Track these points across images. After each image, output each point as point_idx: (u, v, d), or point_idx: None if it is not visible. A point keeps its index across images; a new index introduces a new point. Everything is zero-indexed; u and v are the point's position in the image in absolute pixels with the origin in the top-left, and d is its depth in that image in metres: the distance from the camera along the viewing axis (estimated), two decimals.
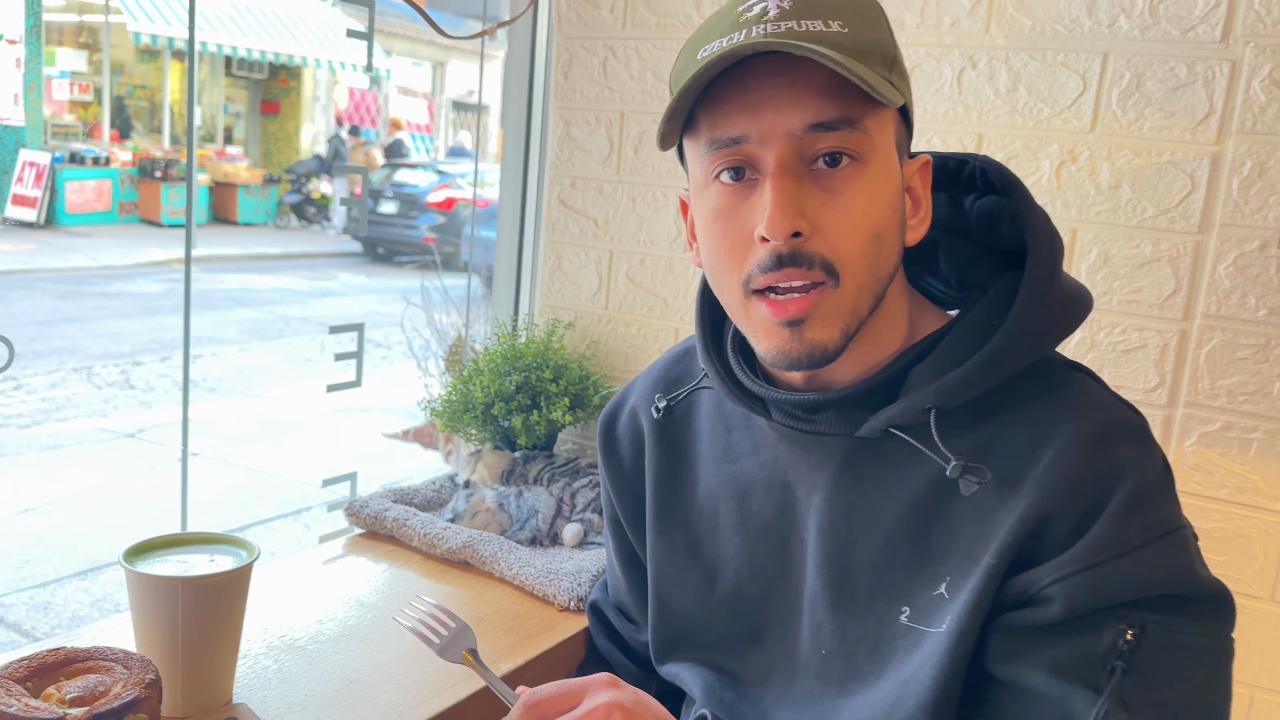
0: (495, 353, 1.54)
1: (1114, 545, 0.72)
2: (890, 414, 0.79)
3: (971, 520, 0.78)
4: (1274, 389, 1.22)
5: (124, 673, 0.82)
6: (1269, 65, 1.18)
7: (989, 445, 0.78)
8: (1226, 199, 1.22)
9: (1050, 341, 0.80)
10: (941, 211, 0.89)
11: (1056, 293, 0.79)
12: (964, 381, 0.77)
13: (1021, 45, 1.30)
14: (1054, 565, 0.73)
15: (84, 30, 14.05)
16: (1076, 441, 0.75)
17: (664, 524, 0.97)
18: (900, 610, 0.80)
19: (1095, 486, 0.74)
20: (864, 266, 0.76)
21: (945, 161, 0.87)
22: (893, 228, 0.78)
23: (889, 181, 0.77)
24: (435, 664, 1.06)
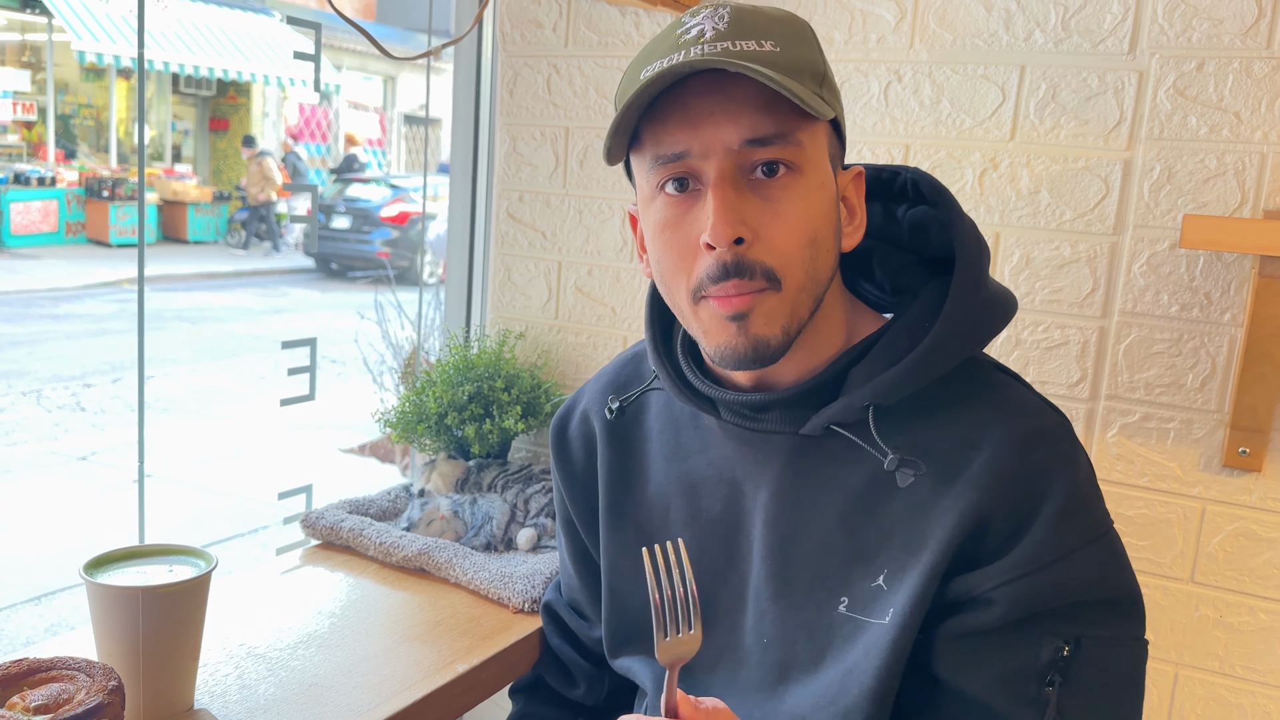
0: (448, 364, 1.58)
1: (1053, 550, 0.78)
2: (831, 412, 0.84)
3: (907, 515, 0.83)
4: (1187, 381, 1.29)
5: (86, 680, 0.85)
6: (1173, 75, 1.26)
7: (924, 444, 0.83)
8: (1138, 202, 1.29)
9: (977, 342, 0.85)
10: (876, 220, 0.93)
11: (982, 296, 0.84)
12: (898, 380, 0.82)
13: (944, 59, 1.36)
14: (996, 570, 0.79)
15: (27, 49, 13.83)
16: (1006, 444, 0.81)
17: (616, 521, 1.01)
18: (839, 600, 0.85)
19: (1029, 490, 0.79)
20: (802, 270, 0.80)
21: (879, 173, 0.92)
22: (828, 234, 0.83)
23: (823, 191, 0.82)
24: (392, 666, 1.09)
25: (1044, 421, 0.83)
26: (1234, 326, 1.25)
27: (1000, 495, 0.79)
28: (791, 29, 0.82)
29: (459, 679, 1.09)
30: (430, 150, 14.96)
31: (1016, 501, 0.79)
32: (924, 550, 0.81)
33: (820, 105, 0.78)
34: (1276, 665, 1.29)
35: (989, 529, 0.80)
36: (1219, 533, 1.30)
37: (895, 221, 0.93)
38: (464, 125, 1.73)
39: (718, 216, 0.78)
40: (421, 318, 1.78)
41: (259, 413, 5.96)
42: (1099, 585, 0.80)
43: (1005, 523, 0.79)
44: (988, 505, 0.79)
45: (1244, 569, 1.29)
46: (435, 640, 1.16)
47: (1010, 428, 0.81)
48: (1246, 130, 1.23)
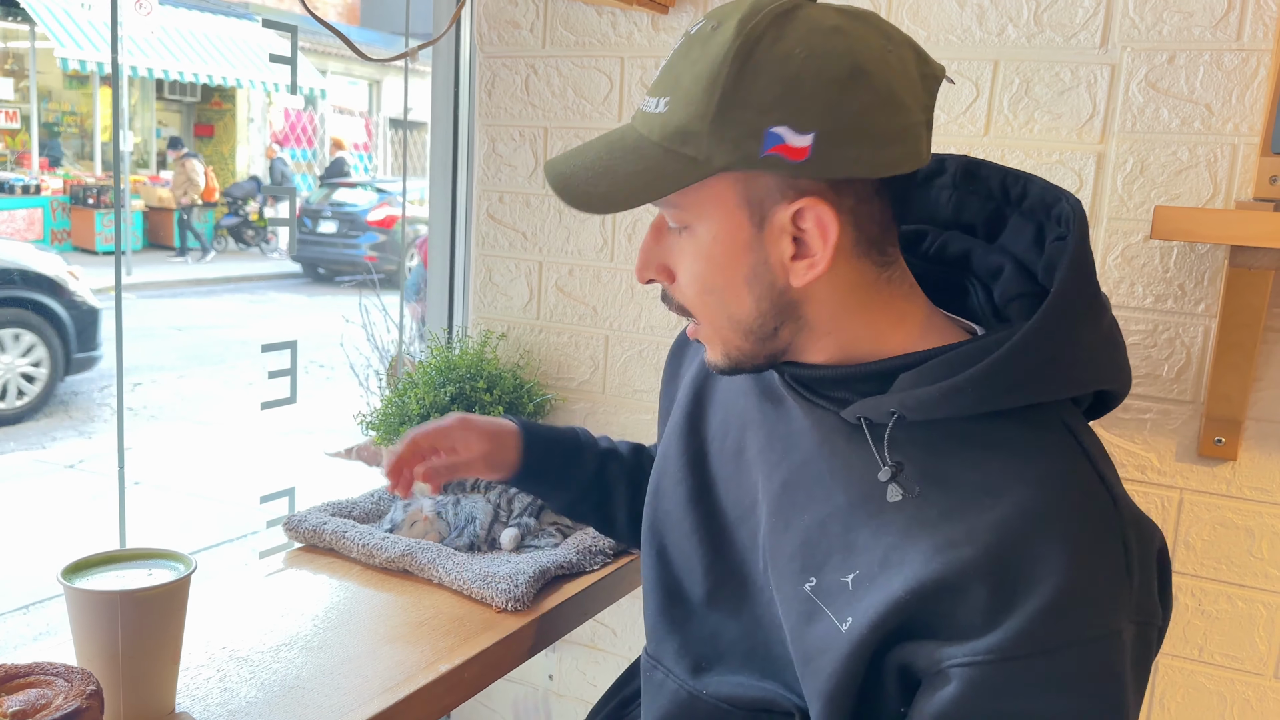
0: (429, 365, 1.58)
1: (1028, 643, 0.72)
2: (865, 405, 0.83)
3: (902, 531, 0.80)
4: (1163, 371, 1.30)
5: (65, 685, 0.85)
6: (1145, 68, 1.27)
7: (944, 471, 0.80)
8: (1112, 194, 1.30)
9: (1022, 397, 0.79)
10: (1024, 241, 0.87)
11: (1047, 352, 0.78)
12: (928, 400, 0.79)
13: None
14: (965, 649, 0.74)
15: (9, 57, 13.77)
16: (1023, 510, 0.75)
17: (689, 425, 1.05)
18: (808, 579, 0.85)
19: (1025, 570, 0.74)
20: (708, 315, 0.85)
21: (1044, 194, 0.86)
22: (733, 282, 0.82)
23: (721, 242, 0.81)
24: (375, 667, 1.09)
25: (1080, 501, 0.76)
26: (1208, 317, 1.26)
27: (995, 561, 0.74)
28: (695, 77, 0.78)
29: (441, 679, 1.09)
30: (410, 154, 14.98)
31: (1010, 576, 0.74)
32: (898, 573, 0.78)
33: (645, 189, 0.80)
34: (1254, 652, 1.30)
35: (969, 593, 0.75)
36: (1196, 521, 1.31)
37: (1040, 248, 0.86)
38: (443, 127, 1.73)
39: (638, 259, 0.88)
40: (404, 320, 1.78)
41: (246, 418, 5.94)
42: (1073, 694, 0.73)
43: (990, 595, 0.74)
44: (978, 567, 0.74)
45: (1221, 557, 1.30)
46: (418, 641, 1.16)
47: (1036, 494, 0.76)
48: (1218, 122, 1.24)
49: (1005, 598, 0.73)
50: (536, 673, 1.81)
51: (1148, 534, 0.78)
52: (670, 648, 1.00)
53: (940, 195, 0.92)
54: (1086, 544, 0.74)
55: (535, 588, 1.26)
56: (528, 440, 1.19)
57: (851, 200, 0.79)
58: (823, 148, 0.75)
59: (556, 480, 1.21)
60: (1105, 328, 0.82)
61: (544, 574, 1.29)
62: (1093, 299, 0.80)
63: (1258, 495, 1.27)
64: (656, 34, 1.55)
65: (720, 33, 0.77)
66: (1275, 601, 1.29)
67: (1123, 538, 0.76)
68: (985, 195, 0.90)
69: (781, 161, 0.76)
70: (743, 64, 0.75)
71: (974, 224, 0.91)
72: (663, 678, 1.00)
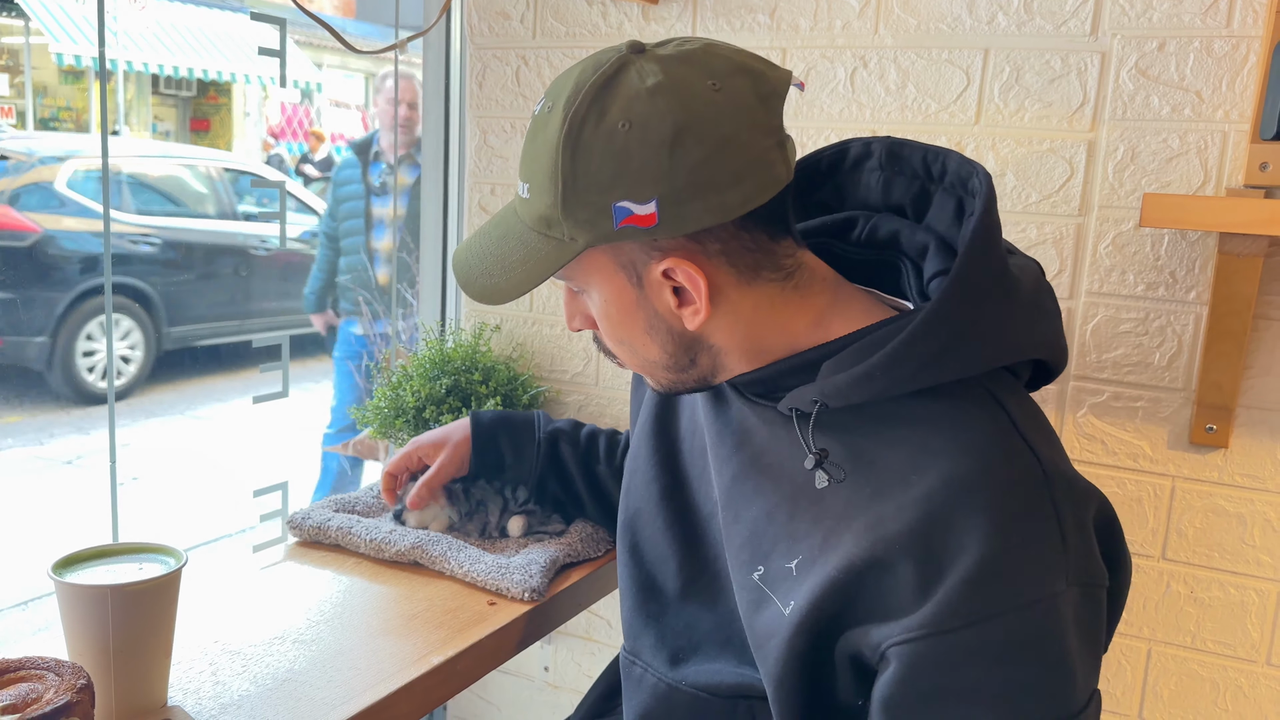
0: (424, 358, 1.58)
1: (960, 615, 0.72)
2: (794, 397, 0.85)
3: (837, 515, 0.81)
4: (1154, 359, 1.30)
5: (55, 679, 0.85)
6: (1135, 56, 1.26)
7: (872, 454, 0.81)
8: (1103, 182, 1.30)
9: (934, 374, 0.78)
10: (945, 218, 0.88)
11: (959, 324, 0.78)
12: (844, 387, 0.79)
13: (908, 44, 1.37)
14: (900, 626, 0.75)
15: (4, 52, 13.74)
16: (945, 483, 0.75)
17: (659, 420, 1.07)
18: (757, 568, 0.87)
19: (950, 541, 0.74)
20: (628, 358, 0.91)
21: (960, 168, 0.86)
22: (636, 333, 0.88)
23: (613, 303, 0.87)
24: (368, 660, 1.09)
25: (1005, 468, 0.76)
26: (1199, 304, 1.26)
27: (919, 536, 0.75)
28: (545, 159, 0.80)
29: (434, 670, 1.09)
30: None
31: (935, 549, 0.74)
32: (834, 554, 0.79)
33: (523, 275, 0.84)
34: (1246, 639, 1.31)
35: (898, 570, 0.75)
36: (1189, 509, 1.31)
37: (959, 226, 0.86)
38: (435, 119, 1.73)
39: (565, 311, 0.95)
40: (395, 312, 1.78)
41: (243, 413, 5.94)
42: (1011, 663, 0.73)
43: (917, 570, 0.74)
44: (904, 542, 0.75)
45: (1213, 544, 1.30)
46: (411, 633, 1.16)
47: (959, 466, 0.76)
48: (1208, 109, 1.24)
49: (932, 572, 0.74)
50: (532, 665, 1.81)
51: (1082, 496, 0.78)
52: (647, 642, 1.01)
53: (870, 179, 0.93)
54: (1010, 512, 0.74)
55: (549, 577, 1.26)
56: (475, 434, 1.34)
57: (716, 244, 0.81)
58: (667, 210, 0.77)
59: (512, 465, 1.35)
60: (1025, 297, 0.81)
61: (554, 563, 1.29)
62: (1000, 272, 0.80)
63: (1249, 482, 1.28)
64: (647, 24, 1.54)
65: (553, 117, 0.80)
66: (1267, 588, 1.29)
67: (1051, 500, 0.75)
68: (910, 175, 0.91)
69: (636, 230, 0.79)
70: (574, 150, 0.78)
71: (903, 204, 0.91)
72: (641, 672, 1.01)
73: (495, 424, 1.35)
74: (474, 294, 0.89)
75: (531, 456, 1.35)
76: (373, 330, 3.54)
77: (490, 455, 1.35)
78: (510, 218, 0.88)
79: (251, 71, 14.04)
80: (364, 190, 3.44)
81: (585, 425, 1.38)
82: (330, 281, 3.59)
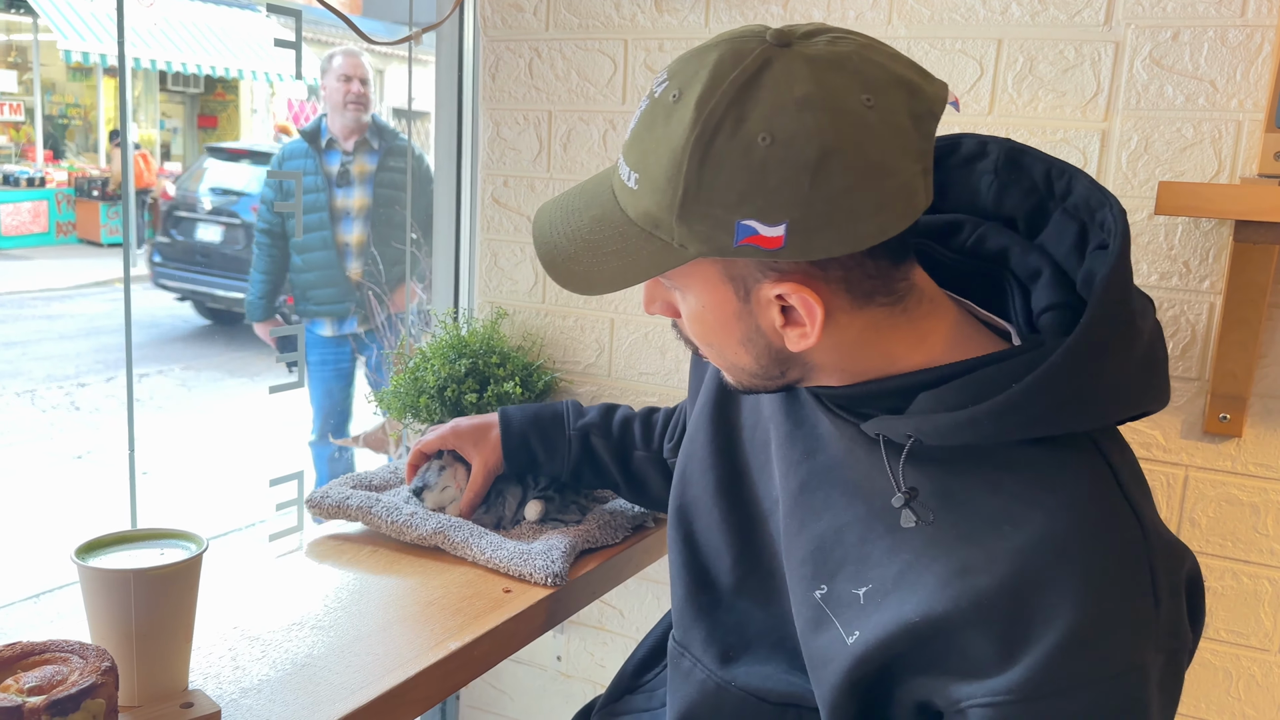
0: (442, 341, 1.59)
1: (1049, 683, 0.70)
2: (884, 423, 0.80)
3: (917, 550, 0.78)
4: (1168, 349, 1.30)
5: (80, 662, 0.86)
6: (1149, 45, 1.26)
7: (963, 494, 0.77)
8: (1117, 172, 1.30)
9: (1048, 428, 0.75)
10: (1065, 245, 0.82)
11: (1079, 381, 0.73)
12: (946, 428, 0.75)
13: (922, 35, 1.37)
14: (983, 688, 0.72)
15: (13, 50, 13.77)
16: (1042, 539, 0.72)
17: (717, 413, 1.04)
18: (819, 586, 0.84)
19: (1042, 603, 0.71)
20: (713, 358, 0.85)
21: (1089, 196, 0.81)
22: (729, 340, 0.81)
23: (712, 310, 0.80)
24: (385, 645, 1.10)
25: (1096, 527, 0.72)
26: (1213, 294, 1.27)
27: (1011, 593, 0.71)
28: (666, 157, 0.72)
29: (451, 656, 1.10)
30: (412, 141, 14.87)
31: (1026, 610, 0.71)
32: (912, 595, 0.76)
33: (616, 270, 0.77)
34: (1260, 628, 1.31)
35: (984, 627, 0.72)
36: (1202, 499, 1.31)
37: (1081, 255, 0.81)
38: (447, 111, 1.73)
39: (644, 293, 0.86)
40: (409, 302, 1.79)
41: (257, 406, 5.96)
42: None
43: (1007, 629, 0.72)
44: (993, 600, 0.72)
45: (1227, 533, 1.31)
46: (428, 619, 1.17)
47: (1055, 521, 0.72)
48: (1222, 99, 1.24)
49: (1022, 633, 0.71)
50: (545, 654, 1.82)
51: (1178, 558, 0.75)
52: (698, 635, 0.99)
53: (981, 181, 0.87)
54: (1108, 575, 0.71)
55: (569, 562, 1.27)
56: (505, 437, 1.32)
57: (839, 271, 0.74)
58: (796, 237, 0.70)
59: (545, 464, 1.34)
60: (1143, 349, 0.76)
61: (573, 549, 1.30)
62: (1128, 324, 0.74)
63: (1263, 471, 1.28)
64: (660, 15, 1.55)
65: (681, 109, 0.71)
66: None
67: (1149, 564, 0.72)
68: (1029, 187, 0.85)
69: (756, 250, 0.72)
70: (703, 157, 0.70)
71: (1015, 216, 0.86)
72: (690, 665, 0.99)
73: (525, 425, 1.33)
74: (559, 278, 0.81)
75: (564, 454, 1.33)
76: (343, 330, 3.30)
77: (522, 456, 1.34)
78: (608, 200, 0.79)
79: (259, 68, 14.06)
80: (324, 181, 3.22)
81: (617, 411, 1.35)
82: (277, 285, 3.33)
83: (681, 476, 1.06)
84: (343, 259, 3.23)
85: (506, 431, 1.33)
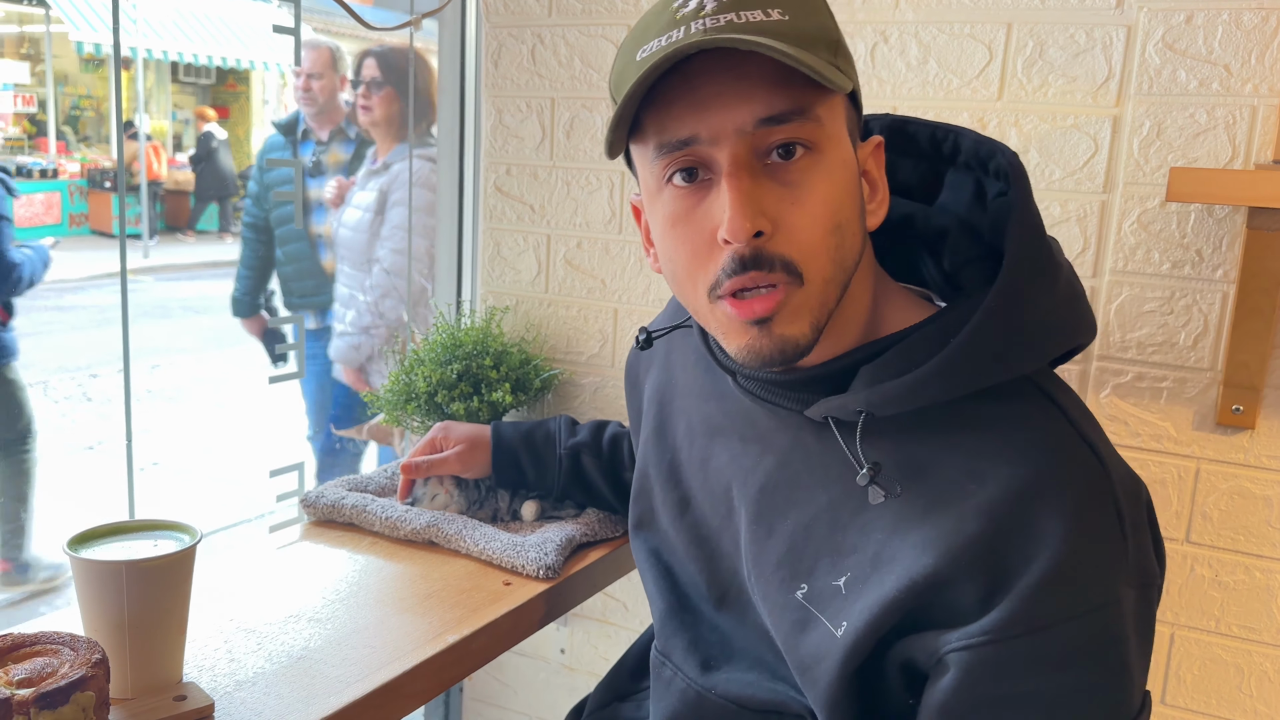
0: (435, 343, 1.57)
1: (1023, 622, 0.70)
2: (830, 405, 0.79)
3: (890, 528, 0.77)
4: (1179, 339, 1.27)
5: (71, 654, 0.85)
6: (1162, 29, 1.24)
7: (923, 462, 0.77)
8: (1128, 159, 1.27)
9: (993, 375, 0.75)
10: (964, 198, 0.84)
11: (1016, 320, 0.74)
12: (896, 394, 0.75)
13: (929, 19, 1.35)
14: (960, 633, 0.72)
15: (25, 41, 13.81)
16: (1008, 490, 0.72)
17: (657, 438, 1.04)
18: (799, 586, 0.83)
19: (1014, 548, 0.71)
20: (828, 259, 0.75)
21: (977, 148, 0.83)
22: (853, 216, 0.77)
23: (845, 169, 0.76)
24: (382, 638, 1.09)
25: (1067, 470, 0.73)
26: (1226, 283, 1.24)
27: (985, 547, 0.72)
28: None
29: (449, 649, 1.09)
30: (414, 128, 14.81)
31: (1002, 560, 0.71)
32: (890, 572, 0.76)
33: (838, 77, 0.72)
34: (1272, 623, 1.29)
35: (964, 582, 0.72)
36: (1214, 491, 1.29)
37: (983, 206, 0.83)
38: (450, 99, 1.72)
39: (735, 209, 0.72)
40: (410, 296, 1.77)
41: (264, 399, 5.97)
42: (1073, 669, 0.70)
43: (985, 579, 0.72)
44: (970, 556, 0.72)
45: (1239, 527, 1.28)
46: (426, 612, 1.16)
47: (1016, 470, 0.73)
48: (1237, 83, 1.21)
49: (999, 580, 0.71)
50: (549, 647, 1.81)
51: (1134, 490, 0.76)
52: (679, 644, 0.98)
53: None
54: (1078, 515, 0.71)
55: (564, 555, 1.26)
56: (495, 452, 1.33)
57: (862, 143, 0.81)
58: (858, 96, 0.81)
59: (535, 482, 1.35)
60: (1064, 283, 0.78)
61: (570, 542, 1.29)
62: (1047, 259, 0.76)
63: (1276, 464, 1.25)
64: None
65: None
66: None
67: (1114, 500, 0.73)
68: (917, 154, 0.86)
69: (857, 98, 0.80)
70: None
71: (909, 185, 0.87)
72: (671, 675, 0.99)
73: (516, 442, 1.34)
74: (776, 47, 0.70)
75: (554, 474, 1.34)
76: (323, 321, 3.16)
77: (512, 473, 1.35)
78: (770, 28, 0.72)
79: (270, 59, 14.07)
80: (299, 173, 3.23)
81: (608, 428, 1.36)
82: (263, 280, 3.25)
83: (647, 513, 1.05)
84: (315, 250, 3.14)
85: (498, 446, 1.34)
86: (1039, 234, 0.76)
